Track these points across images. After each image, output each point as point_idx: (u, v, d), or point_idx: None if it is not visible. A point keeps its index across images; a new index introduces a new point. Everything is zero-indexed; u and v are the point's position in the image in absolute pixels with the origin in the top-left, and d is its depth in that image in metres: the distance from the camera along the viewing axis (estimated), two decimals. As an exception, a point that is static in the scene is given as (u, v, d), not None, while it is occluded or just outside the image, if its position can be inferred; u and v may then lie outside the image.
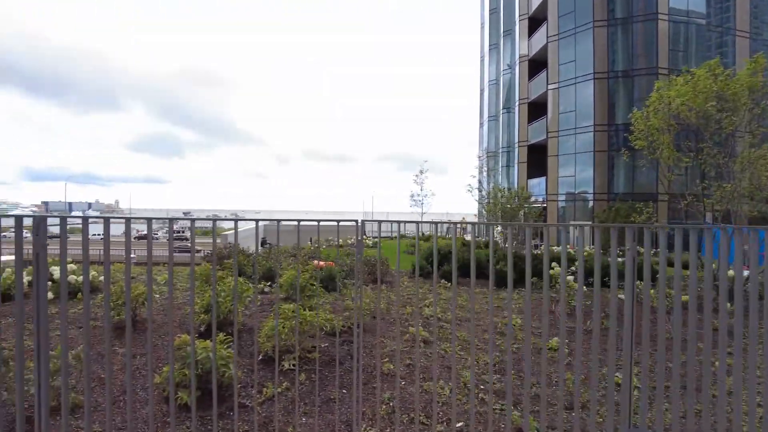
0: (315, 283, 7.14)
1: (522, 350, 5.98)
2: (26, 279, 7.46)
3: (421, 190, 33.34)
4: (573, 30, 29.31)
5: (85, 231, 2.99)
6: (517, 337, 6.51)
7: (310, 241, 31.30)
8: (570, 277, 8.89)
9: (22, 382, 2.97)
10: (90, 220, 3.42)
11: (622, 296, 7.59)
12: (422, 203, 32.15)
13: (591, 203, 28.56)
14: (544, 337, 3.33)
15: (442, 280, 10.80)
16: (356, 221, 3.40)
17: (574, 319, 7.64)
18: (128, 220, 3.14)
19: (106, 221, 3.08)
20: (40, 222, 2.85)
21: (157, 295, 7.38)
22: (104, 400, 4.09)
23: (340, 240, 24.59)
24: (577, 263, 3.36)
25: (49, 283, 7.58)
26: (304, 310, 5.56)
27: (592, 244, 15.24)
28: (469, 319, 7.33)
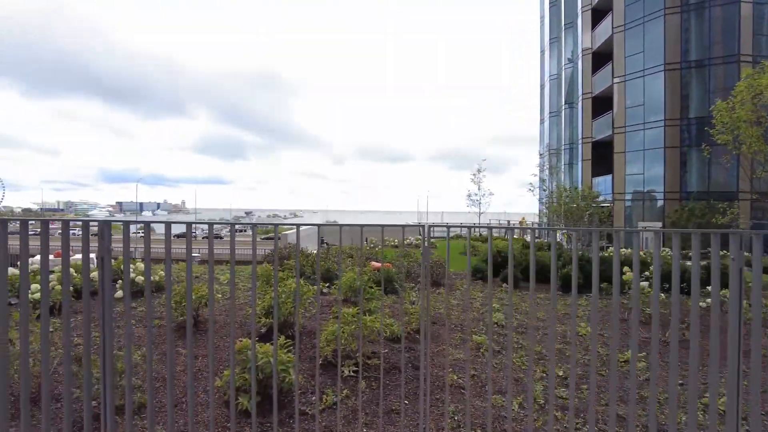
0: (374, 286, 6.98)
1: (595, 363, 5.53)
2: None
3: (479, 189, 32.64)
4: (641, 19, 27.61)
5: (147, 233, 2.96)
6: (589, 347, 6.04)
7: (366, 241, 31.45)
8: (644, 283, 8.24)
9: (89, 380, 2.99)
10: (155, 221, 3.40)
11: (704, 304, 6.91)
12: (480, 203, 31.46)
13: (661, 202, 26.78)
14: (613, 349, 2.96)
15: (504, 285, 10.35)
16: (422, 225, 3.17)
17: (648, 328, 7.04)
18: (189, 225, 3.08)
19: (167, 226, 3.04)
20: (104, 227, 2.83)
21: (219, 295, 7.49)
22: (167, 402, 4.12)
23: (396, 241, 24.46)
24: (652, 268, 2.95)
25: (120, 282, 7.89)
26: (364, 314, 5.39)
27: (666, 247, 14.19)
28: (537, 327, 6.93)
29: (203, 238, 33.00)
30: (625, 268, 10.09)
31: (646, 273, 9.17)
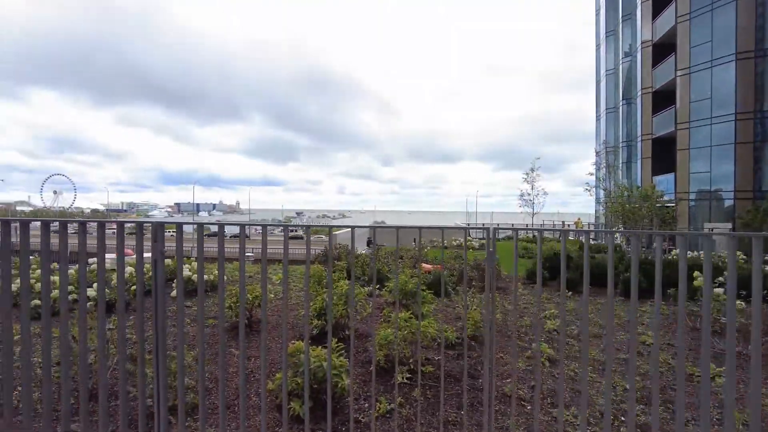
0: (425, 289, 6.76)
1: (664, 375, 5.08)
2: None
3: (532, 188, 31.64)
4: (709, 6, 25.84)
5: (200, 235, 2.90)
6: (659, 359, 5.57)
7: (414, 242, 31.12)
8: (718, 290, 7.57)
9: (144, 379, 2.96)
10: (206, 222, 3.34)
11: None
12: (533, 203, 30.48)
13: (730, 202, 24.96)
14: (680, 359, 2.60)
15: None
16: (486, 228, 2.93)
17: (722, 339, 6.44)
18: (242, 228, 2.99)
19: (221, 228, 2.97)
20: (158, 228, 2.78)
21: (272, 295, 7.49)
22: (220, 404, 4.08)
23: (450, 242, 24.11)
24: (726, 273, 2.56)
25: (173, 281, 8.07)
26: (416, 318, 5.19)
27: (741, 251, 13.15)
28: (598, 335, 6.49)
29: (253, 238, 33.79)
30: (696, 273, 9.37)
31: (720, 279, 8.46)
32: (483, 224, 42.93)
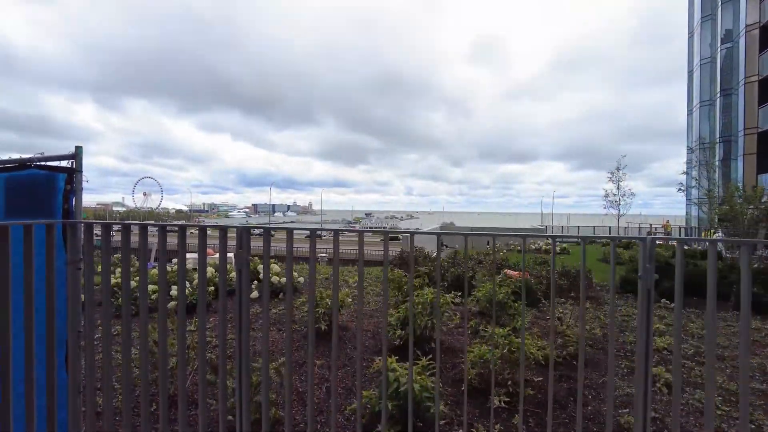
0: (514, 300, 6.19)
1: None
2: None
3: (618, 189, 29.60)
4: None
5: (290, 239, 2.62)
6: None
7: (487, 244, 30.12)
8: None
9: (225, 392, 2.74)
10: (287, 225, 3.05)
11: None
12: (619, 204, 28.47)
13: None
14: None
15: (663, 300, 8.85)
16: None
17: None
18: (313, 232, 2.68)
19: (313, 233, 2.69)
20: (243, 233, 2.53)
21: (350, 299, 7.22)
22: (302, 418, 3.83)
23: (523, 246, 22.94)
24: None
25: (256, 282, 8.06)
26: (510, 333, 4.67)
27: None
28: (724, 357, 5.61)
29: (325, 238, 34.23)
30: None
31: None
32: (645, 232, 41.00)
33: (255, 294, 7.76)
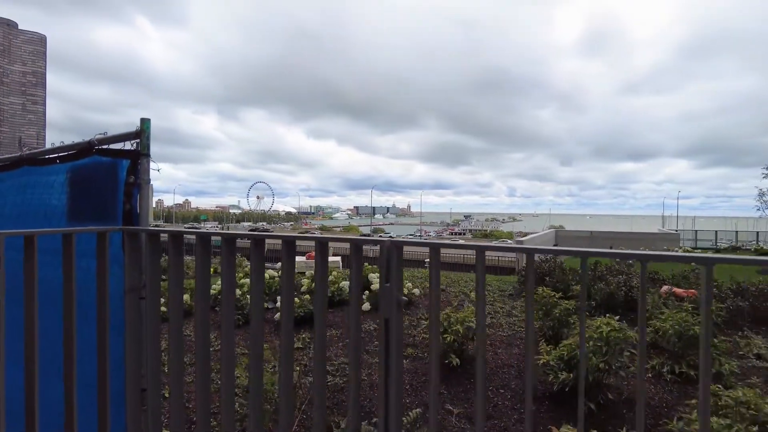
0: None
1: None
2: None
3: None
4: None
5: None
6: None
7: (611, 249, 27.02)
8: None
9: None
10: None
11: None
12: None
13: None
14: None
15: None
16: None
17: None
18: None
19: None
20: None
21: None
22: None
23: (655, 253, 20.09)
24: None
25: (367, 293, 7.25)
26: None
27: None
28: None
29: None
30: None
31: None
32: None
33: (366, 306, 6.93)
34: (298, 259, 10.43)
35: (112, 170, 1.90)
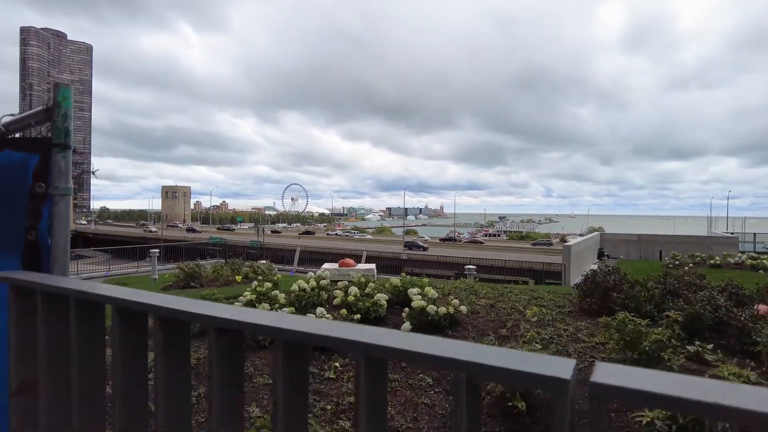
0: None
1: None
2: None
3: None
4: None
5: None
6: None
7: (661, 256, 25.33)
8: None
9: None
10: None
11: None
12: None
13: None
14: None
15: None
16: None
17: None
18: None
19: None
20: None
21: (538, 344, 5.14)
22: None
23: (718, 259, 18.40)
24: None
25: (407, 310, 6.42)
26: None
27: None
28: None
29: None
30: None
31: None
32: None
33: (407, 326, 6.10)
34: (326, 266, 9.68)
35: (22, 172, 1.15)
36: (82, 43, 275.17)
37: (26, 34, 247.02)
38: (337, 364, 4.91)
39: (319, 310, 6.02)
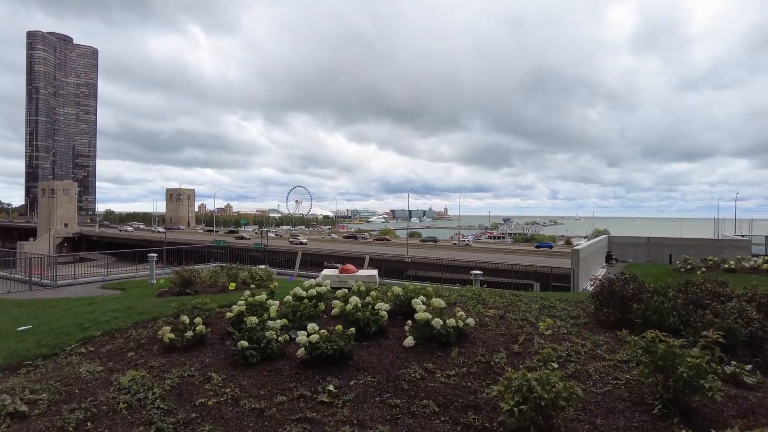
0: None
1: None
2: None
3: None
4: None
5: None
6: None
7: (671, 259, 24.68)
8: None
9: None
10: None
11: None
12: None
13: None
14: None
15: None
16: None
17: None
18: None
19: None
20: None
21: (553, 369, 4.65)
22: None
23: (732, 263, 17.73)
24: None
25: (410, 323, 5.93)
26: None
27: None
28: None
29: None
30: None
31: None
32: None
33: (410, 341, 5.62)
34: (326, 272, 9.21)
35: None
36: (88, 47, 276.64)
37: (33, 38, 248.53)
38: (331, 387, 4.42)
39: (311, 326, 5.52)
